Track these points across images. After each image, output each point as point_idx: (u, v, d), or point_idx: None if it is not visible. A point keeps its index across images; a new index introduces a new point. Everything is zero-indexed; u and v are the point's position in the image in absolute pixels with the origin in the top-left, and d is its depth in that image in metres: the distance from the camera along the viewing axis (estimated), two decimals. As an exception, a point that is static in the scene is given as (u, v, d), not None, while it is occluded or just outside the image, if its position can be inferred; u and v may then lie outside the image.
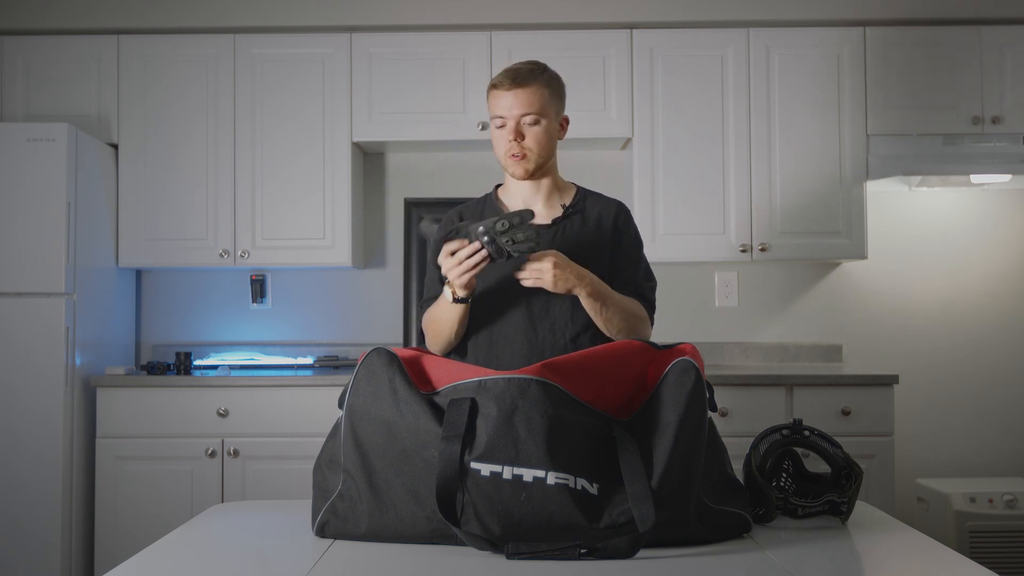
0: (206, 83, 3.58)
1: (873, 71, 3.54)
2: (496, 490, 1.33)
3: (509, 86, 1.94)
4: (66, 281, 3.18)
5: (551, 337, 1.95)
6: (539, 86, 1.95)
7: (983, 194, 3.85)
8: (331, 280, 3.86)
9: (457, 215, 2.10)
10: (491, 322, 1.98)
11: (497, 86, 1.96)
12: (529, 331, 1.95)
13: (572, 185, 2.11)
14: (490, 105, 1.99)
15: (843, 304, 3.84)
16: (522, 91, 1.93)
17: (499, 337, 1.96)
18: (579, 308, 1.95)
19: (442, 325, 1.96)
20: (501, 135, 1.97)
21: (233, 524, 1.65)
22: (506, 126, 1.95)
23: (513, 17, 3.55)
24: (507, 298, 1.96)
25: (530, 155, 1.96)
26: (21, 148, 3.17)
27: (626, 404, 1.47)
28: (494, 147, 2.01)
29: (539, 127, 1.95)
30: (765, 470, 1.57)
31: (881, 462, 3.19)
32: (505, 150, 1.97)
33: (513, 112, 1.94)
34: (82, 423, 3.26)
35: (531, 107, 1.93)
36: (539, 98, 1.94)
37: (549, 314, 1.96)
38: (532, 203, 2.04)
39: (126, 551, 3.00)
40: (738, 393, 3.20)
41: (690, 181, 3.54)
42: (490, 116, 2.00)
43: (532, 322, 1.95)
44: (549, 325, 1.96)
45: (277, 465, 3.25)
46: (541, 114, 1.95)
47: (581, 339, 1.96)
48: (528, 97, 1.93)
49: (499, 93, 1.95)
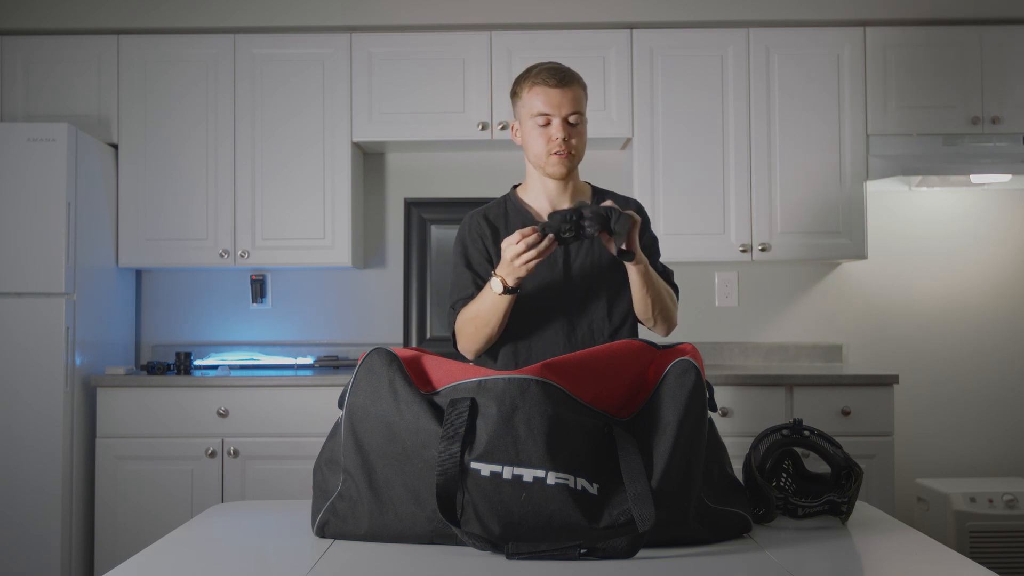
0: (206, 83, 3.58)
1: (873, 71, 3.54)
2: (496, 490, 1.33)
3: (557, 83, 1.94)
4: (66, 281, 3.18)
5: (590, 335, 1.98)
6: (579, 86, 1.99)
7: (983, 194, 3.85)
8: (331, 280, 3.86)
9: (482, 216, 2.08)
10: (528, 324, 1.98)
11: (543, 83, 1.95)
12: (569, 331, 1.98)
13: (587, 184, 2.13)
14: (527, 103, 1.97)
15: (843, 304, 3.84)
16: (569, 90, 1.95)
17: (537, 338, 1.98)
18: (616, 305, 1.99)
19: (486, 320, 1.93)
20: (543, 133, 1.96)
21: (233, 524, 1.65)
22: (551, 124, 1.95)
23: (513, 17, 3.55)
24: (547, 298, 1.98)
25: (576, 153, 1.99)
26: (21, 148, 3.17)
27: (626, 404, 1.47)
28: (530, 145, 1.99)
29: (582, 126, 1.99)
30: (765, 470, 1.57)
31: (881, 462, 3.19)
32: (547, 148, 1.96)
33: (562, 111, 1.95)
34: (82, 423, 3.26)
35: (578, 105, 1.97)
36: (581, 96, 1.99)
37: (587, 313, 1.99)
38: (559, 203, 2.04)
39: (126, 551, 3.00)
40: (738, 393, 3.20)
41: (690, 181, 3.54)
42: (528, 112, 1.97)
43: (571, 322, 1.98)
44: (587, 324, 1.99)
45: (277, 465, 3.25)
46: (583, 114, 1.98)
47: (619, 336, 1.99)
48: (575, 95, 1.96)
49: (546, 90, 1.94)
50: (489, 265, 2.02)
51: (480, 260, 2.03)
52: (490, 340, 1.98)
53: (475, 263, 2.04)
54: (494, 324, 1.94)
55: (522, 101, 1.99)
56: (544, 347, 1.98)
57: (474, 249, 2.05)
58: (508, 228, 2.03)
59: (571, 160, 1.98)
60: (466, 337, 1.99)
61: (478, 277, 2.02)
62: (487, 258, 2.03)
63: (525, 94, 1.98)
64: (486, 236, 2.04)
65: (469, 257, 2.05)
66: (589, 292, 2.00)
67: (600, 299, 1.99)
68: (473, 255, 2.04)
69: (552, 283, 1.97)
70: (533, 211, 2.06)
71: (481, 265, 2.03)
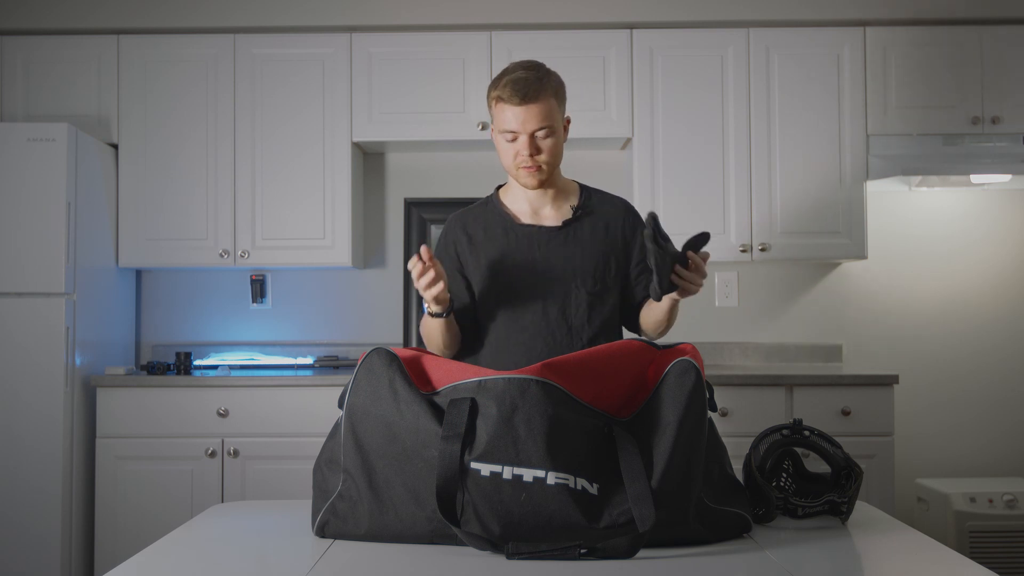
0: (206, 83, 3.58)
1: (873, 71, 3.54)
2: (496, 490, 1.33)
3: (520, 101, 1.87)
4: (66, 281, 3.18)
5: (569, 340, 1.98)
6: (547, 97, 1.90)
7: (983, 194, 3.84)
8: (331, 280, 3.86)
9: (459, 222, 2.09)
10: (509, 327, 1.99)
11: (505, 100, 1.89)
12: (548, 335, 1.97)
13: (574, 183, 2.11)
14: (496, 117, 1.94)
15: (843, 304, 3.84)
16: (534, 106, 1.88)
17: (517, 344, 1.98)
18: (595, 310, 1.99)
19: (430, 336, 1.99)
20: (511, 148, 1.94)
21: (233, 524, 1.65)
22: (517, 140, 1.92)
23: (513, 17, 3.55)
24: (524, 303, 1.98)
25: (545, 167, 1.96)
26: (21, 148, 3.17)
27: (626, 404, 1.47)
28: (500, 155, 1.99)
29: (551, 139, 1.94)
30: (765, 470, 1.57)
31: (881, 462, 3.19)
32: (516, 162, 1.95)
33: (527, 127, 1.90)
34: (82, 423, 3.26)
35: (543, 121, 1.90)
36: (549, 110, 1.91)
37: (567, 317, 1.98)
38: (540, 206, 2.04)
39: (126, 551, 3.01)
40: (738, 393, 3.20)
41: (690, 181, 3.54)
42: (496, 126, 1.95)
43: (550, 326, 1.98)
44: (567, 328, 1.98)
45: (277, 465, 3.25)
46: (552, 126, 1.92)
47: (598, 341, 1.98)
48: (539, 111, 1.89)
49: (508, 107, 1.89)
50: (458, 274, 2.04)
51: (449, 268, 2.04)
52: (444, 353, 2.00)
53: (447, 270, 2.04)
54: (438, 341, 1.98)
55: (492, 111, 1.96)
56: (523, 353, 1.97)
57: (445, 255, 2.07)
58: (486, 231, 2.03)
59: (541, 173, 1.96)
60: (426, 345, 2.03)
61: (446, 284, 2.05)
62: (457, 267, 2.05)
63: (493, 107, 1.94)
64: (460, 243, 2.05)
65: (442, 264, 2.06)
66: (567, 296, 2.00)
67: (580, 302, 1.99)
68: (444, 261, 2.05)
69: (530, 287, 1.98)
70: (511, 213, 2.05)
71: (449, 273, 2.02)
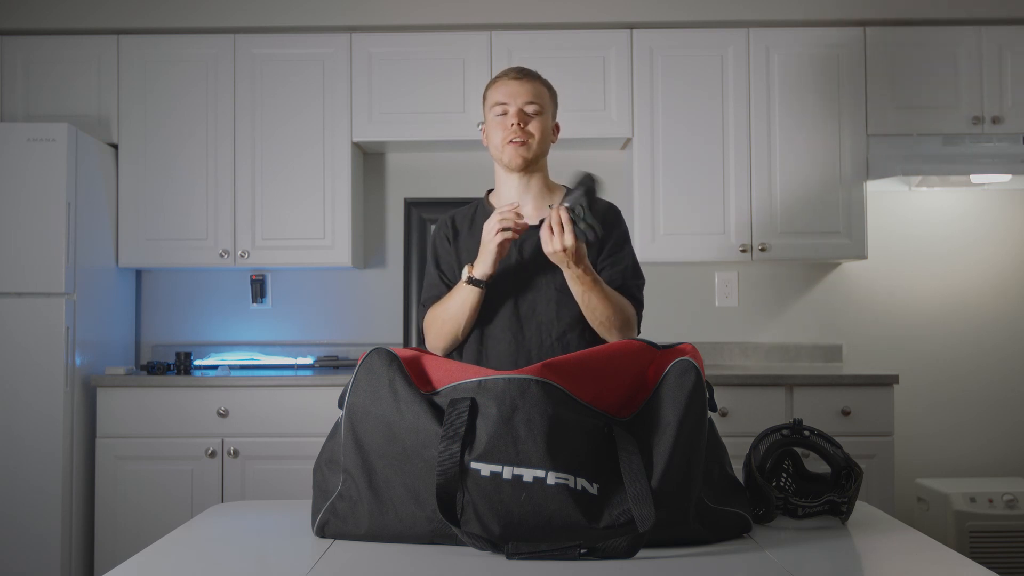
0: (206, 83, 3.58)
1: (873, 71, 3.54)
2: (496, 490, 1.33)
3: (516, 77, 2.04)
4: (66, 281, 3.18)
5: (538, 336, 2.00)
6: (541, 83, 2.08)
7: (983, 194, 3.84)
8: (331, 280, 3.86)
9: (450, 219, 2.16)
10: (483, 321, 2.02)
11: (503, 77, 2.06)
12: (516, 330, 2.00)
13: (562, 187, 2.14)
14: (490, 97, 2.06)
15: (843, 304, 3.84)
16: (528, 82, 2.04)
17: (488, 337, 2.02)
18: (564, 307, 1.99)
19: (453, 314, 1.99)
20: (500, 122, 2.02)
21: (233, 524, 1.65)
22: (508, 112, 2.01)
23: (513, 17, 3.55)
24: (495, 298, 2.01)
25: (531, 141, 2.01)
26: (21, 148, 3.17)
27: (626, 404, 1.47)
28: (489, 139, 2.06)
29: (540, 120, 2.03)
30: (765, 470, 1.57)
31: (881, 462, 3.19)
32: (504, 136, 2.01)
33: (518, 100, 2.01)
34: (82, 423, 3.26)
35: (537, 98, 2.03)
36: (541, 93, 2.05)
37: (536, 313, 2.01)
38: (523, 202, 2.06)
39: (126, 551, 3.00)
40: (738, 393, 3.20)
41: (690, 181, 3.54)
42: (488, 107, 2.05)
43: (519, 321, 2.00)
44: (536, 324, 2.00)
45: (277, 465, 3.25)
46: (542, 107, 2.03)
47: (568, 337, 2.00)
48: (532, 89, 2.04)
49: (504, 82, 2.05)
50: (456, 265, 2.08)
51: (448, 260, 2.10)
52: (455, 338, 2.02)
53: (443, 263, 2.12)
54: (460, 319, 1.98)
55: (486, 101, 2.08)
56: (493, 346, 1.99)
57: (442, 249, 2.13)
58: (472, 230, 2.09)
59: (527, 149, 2.01)
60: (433, 333, 2.05)
61: (445, 276, 2.10)
62: (454, 258, 2.10)
63: (489, 93, 2.07)
64: (448, 237, 2.12)
65: (438, 257, 2.13)
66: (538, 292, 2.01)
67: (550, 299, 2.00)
68: (442, 255, 2.12)
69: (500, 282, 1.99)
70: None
71: (448, 265, 2.10)
